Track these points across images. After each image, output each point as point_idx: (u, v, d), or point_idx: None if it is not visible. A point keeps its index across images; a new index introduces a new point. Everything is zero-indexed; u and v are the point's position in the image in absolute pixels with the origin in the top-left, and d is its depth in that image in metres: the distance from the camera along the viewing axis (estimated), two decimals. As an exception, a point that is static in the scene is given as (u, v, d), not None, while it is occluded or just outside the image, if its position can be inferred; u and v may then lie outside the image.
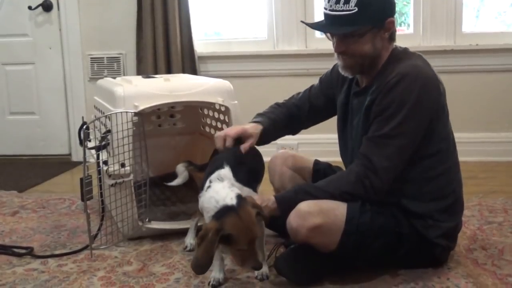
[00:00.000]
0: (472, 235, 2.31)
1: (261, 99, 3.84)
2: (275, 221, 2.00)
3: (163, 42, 3.81)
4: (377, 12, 1.85)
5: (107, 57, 4.06)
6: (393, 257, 1.91)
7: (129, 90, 2.32)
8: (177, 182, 2.28)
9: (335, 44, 1.92)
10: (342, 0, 1.81)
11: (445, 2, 3.70)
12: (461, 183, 2.01)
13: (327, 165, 2.30)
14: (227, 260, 2.03)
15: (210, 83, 2.51)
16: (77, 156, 4.14)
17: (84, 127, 2.39)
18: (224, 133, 2.08)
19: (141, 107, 2.26)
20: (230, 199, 1.74)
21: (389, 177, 1.85)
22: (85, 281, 1.98)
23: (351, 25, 1.83)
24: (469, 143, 3.59)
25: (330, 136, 2.35)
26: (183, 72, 3.78)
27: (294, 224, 1.83)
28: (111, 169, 2.24)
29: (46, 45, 4.12)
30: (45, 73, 4.16)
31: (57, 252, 2.26)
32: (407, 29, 3.83)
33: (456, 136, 2.00)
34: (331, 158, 2.40)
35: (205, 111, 2.88)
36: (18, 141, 4.26)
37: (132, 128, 2.24)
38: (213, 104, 2.48)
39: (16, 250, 2.27)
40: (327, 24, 1.90)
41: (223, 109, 2.52)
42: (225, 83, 2.50)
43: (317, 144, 3.65)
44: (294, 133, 2.30)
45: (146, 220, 2.35)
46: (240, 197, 1.76)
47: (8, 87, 4.22)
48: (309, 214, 1.81)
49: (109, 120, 2.26)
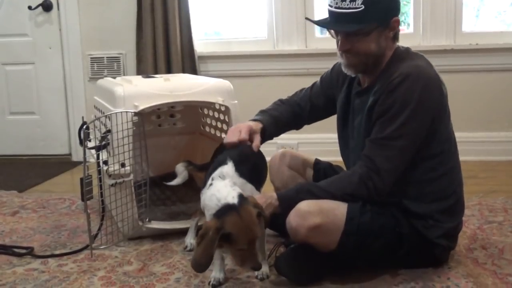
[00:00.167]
0: (472, 235, 2.31)
1: (261, 99, 3.83)
2: (275, 221, 2.00)
3: (163, 42, 3.81)
4: (384, 10, 1.84)
5: (107, 57, 4.06)
6: (393, 257, 1.91)
7: (129, 90, 2.32)
8: (176, 181, 2.27)
9: (339, 42, 1.90)
10: None
11: (445, 1, 3.69)
12: (462, 183, 2.01)
13: (328, 164, 2.30)
14: (228, 260, 2.03)
15: (210, 83, 2.51)
16: (77, 156, 4.14)
17: (84, 127, 2.39)
18: (237, 126, 2.08)
19: (141, 107, 2.26)
20: (232, 198, 1.73)
21: (391, 178, 1.84)
22: (85, 281, 1.98)
23: (357, 23, 1.81)
24: (469, 143, 3.59)
25: (330, 135, 2.35)
26: (183, 72, 3.78)
27: (294, 224, 1.83)
28: (111, 169, 2.24)
29: (46, 45, 4.12)
30: (45, 73, 4.16)
31: (57, 252, 2.26)
32: (407, 29, 3.83)
33: (456, 135, 1.99)
34: (331, 157, 2.40)
35: (205, 111, 2.88)
36: (18, 141, 4.26)
37: (132, 128, 2.24)
38: (213, 104, 2.48)
39: (16, 250, 2.27)
40: (331, 21, 1.88)
41: (223, 109, 2.52)
42: (225, 83, 2.50)
43: (317, 143, 3.65)
44: (298, 128, 2.31)
45: (146, 220, 2.35)
46: (242, 196, 1.75)
47: (8, 87, 4.22)
48: (309, 213, 1.81)
49: (109, 120, 2.26)
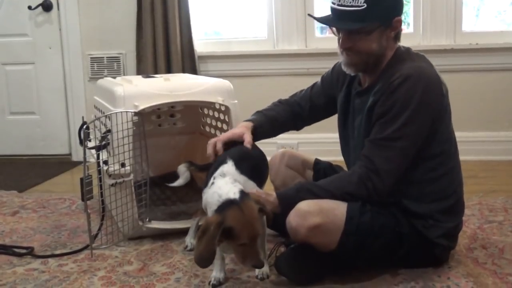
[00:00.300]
0: (472, 234, 2.31)
1: (261, 99, 3.83)
2: (275, 220, 2.00)
3: (163, 42, 3.81)
4: (386, 10, 1.84)
5: (107, 57, 4.06)
6: (394, 256, 1.91)
7: (129, 89, 2.32)
8: (179, 182, 2.27)
9: (341, 40, 1.90)
10: None
11: (445, 1, 3.69)
12: (462, 183, 2.01)
13: (328, 164, 2.30)
14: (228, 260, 2.03)
15: (210, 82, 2.51)
16: (77, 156, 4.14)
17: (84, 127, 2.39)
18: (214, 139, 2.08)
19: (141, 107, 2.26)
20: (233, 194, 1.74)
21: (391, 179, 1.84)
22: (86, 281, 1.98)
23: (359, 22, 1.81)
24: (469, 142, 3.59)
25: (330, 135, 2.35)
26: (183, 71, 3.78)
27: (294, 224, 1.83)
28: (111, 169, 2.24)
29: (46, 45, 4.12)
30: (45, 73, 4.16)
31: (57, 252, 2.26)
32: (407, 28, 3.82)
33: (456, 135, 1.99)
34: (331, 157, 2.40)
35: (205, 111, 2.88)
36: (18, 141, 4.26)
37: (132, 128, 2.24)
38: (213, 103, 2.48)
39: (16, 250, 2.27)
40: (334, 19, 1.88)
41: (223, 108, 2.52)
42: (225, 83, 2.50)
43: (317, 143, 3.65)
44: (297, 129, 2.31)
45: (147, 219, 2.35)
46: (243, 192, 1.76)
47: (8, 87, 4.22)
48: (308, 213, 1.81)
49: (109, 119, 2.26)
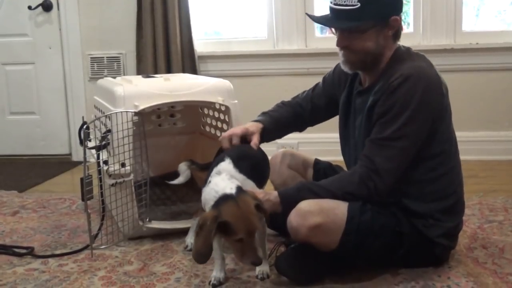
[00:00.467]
0: (472, 234, 2.31)
1: (261, 99, 3.85)
2: (275, 220, 2.00)
3: (163, 42, 3.81)
4: (381, 9, 1.84)
5: (107, 57, 4.06)
6: (394, 256, 1.91)
7: (129, 89, 2.32)
8: (179, 180, 2.27)
9: (337, 39, 1.92)
10: None
11: (445, 1, 3.69)
12: (462, 183, 2.01)
13: (328, 164, 2.30)
14: (228, 259, 2.03)
15: (210, 82, 2.51)
16: (77, 156, 4.14)
17: (84, 127, 2.39)
18: (229, 133, 2.09)
19: (141, 107, 2.26)
20: (230, 189, 1.75)
21: (392, 178, 1.84)
22: (86, 281, 1.98)
23: (352, 20, 1.82)
24: (470, 142, 3.59)
25: (330, 135, 2.35)
26: (183, 71, 3.78)
27: (294, 223, 1.83)
28: (111, 169, 2.24)
29: (46, 45, 4.12)
30: (45, 73, 4.16)
31: (57, 252, 2.26)
32: (407, 28, 3.82)
33: (456, 135, 1.99)
34: (331, 157, 2.40)
35: (205, 111, 2.88)
36: (18, 141, 4.26)
37: (132, 128, 2.23)
38: (213, 103, 2.48)
39: (16, 250, 2.27)
40: (331, 18, 1.89)
41: (223, 108, 2.52)
42: (225, 83, 2.50)
43: (318, 143, 3.65)
44: (300, 130, 2.31)
45: (147, 219, 2.35)
46: (240, 188, 1.77)
47: (8, 87, 4.22)
48: (309, 213, 1.81)
49: (109, 119, 2.26)
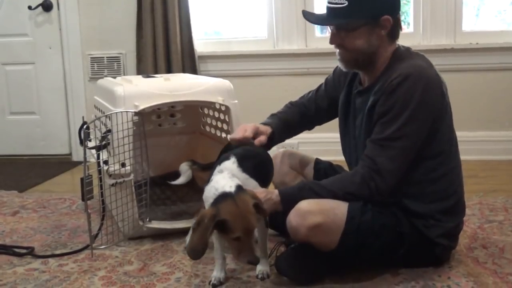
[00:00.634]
0: (472, 234, 2.31)
1: (261, 99, 3.86)
2: (275, 220, 2.00)
3: (163, 42, 3.81)
4: (369, 8, 1.86)
5: (107, 57, 4.06)
6: (394, 256, 1.91)
7: (129, 89, 2.32)
8: (180, 181, 2.27)
9: (330, 36, 1.96)
10: None
11: (445, 0, 3.69)
12: (462, 184, 2.01)
13: (328, 164, 2.30)
14: (229, 259, 2.03)
15: (210, 82, 2.51)
16: (77, 155, 4.14)
17: (85, 126, 2.39)
18: (243, 126, 2.10)
19: (141, 107, 2.26)
20: (229, 187, 1.75)
21: (393, 178, 1.84)
22: (86, 281, 1.98)
23: (340, 18, 1.87)
24: (470, 142, 3.58)
25: (330, 135, 2.35)
26: (183, 71, 3.78)
27: (294, 223, 1.83)
28: (111, 169, 2.24)
29: (46, 45, 4.12)
30: (45, 73, 4.16)
31: (57, 252, 2.26)
32: (407, 28, 3.82)
33: (456, 134, 1.99)
34: (332, 157, 2.40)
35: (205, 111, 2.88)
36: (18, 141, 4.26)
37: (132, 128, 2.24)
38: (213, 103, 2.48)
39: (16, 250, 2.27)
40: (324, 16, 1.95)
41: (223, 108, 2.52)
42: (225, 83, 2.50)
43: (318, 143, 3.65)
44: (309, 129, 2.33)
45: (147, 219, 2.35)
46: (240, 186, 1.77)
47: (8, 87, 4.22)
48: (309, 213, 1.81)
49: (110, 119, 2.26)
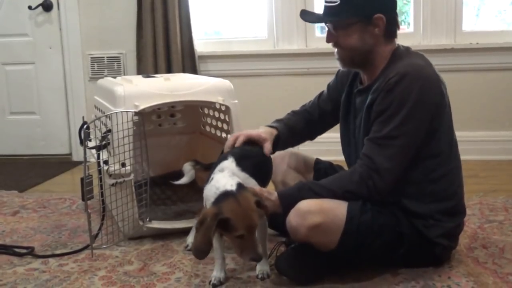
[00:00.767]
0: (472, 234, 2.31)
1: (261, 98, 3.87)
2: (275, 220, 2.00)
3: (163, 42, 3.81)
4: (361, 5, 1.87)
5: (107, 57, 4.06)
6: (394, 256, 1.91)
7: (129, 89, 2.32)
8: (183, 180, 2.27)
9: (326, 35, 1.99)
10: None
11: (445, 0, 3.69)
12: (463, 185, 2.01)
13: (328, 164, 2.30)
14: (229, 259, 2.04)
15: (210, 82, 2.51)
16: (77, 155, 4.14)
17: (85, 126, 2.39)
18: (237, 133, 2.09)
19: (142, 107, 2.26)
20: (230, 186, 1.75)
21: (392, 177, 1.84)
22: (86, 281, 1.98)
23: (333, 16, 1.90)
24: (470, 142, 3.58)
25: (331, 135, 2.35)
26: (183, 71, 3.78)
27: (294, 223, 1.83)
28: (111, 169, 2.24)
29: (46, 45, 4.12)
30: (45, 73, 4.16)
31: (58, 252, 2.26)
32: (407, 28, 3.83)
33: (456, 134, 1.99)
34: (332, 157, 2.40)
35: (206, 111, 2.88)
36: (18, 141, 4.26)
37: (132, 128, 2.24)
38: (213, 103, 2.48)
39: (17, 250, 2.27)
40: (318, 14, 1.98)
41: (223, 108, 2.52)
42: (226, 83, 2.50)
43: (318, 143, 3.61)
44: (311, 139, 2.33)
45: (147, 219, 2.35)
46: (241, 184, 1.77)
47: (8, 87, 4.22)
48: (309, 213, 1.81)
49: (110, 119, 2.26)
